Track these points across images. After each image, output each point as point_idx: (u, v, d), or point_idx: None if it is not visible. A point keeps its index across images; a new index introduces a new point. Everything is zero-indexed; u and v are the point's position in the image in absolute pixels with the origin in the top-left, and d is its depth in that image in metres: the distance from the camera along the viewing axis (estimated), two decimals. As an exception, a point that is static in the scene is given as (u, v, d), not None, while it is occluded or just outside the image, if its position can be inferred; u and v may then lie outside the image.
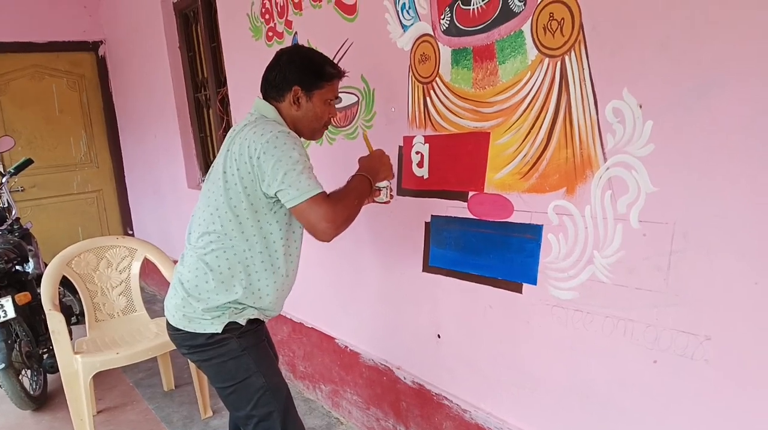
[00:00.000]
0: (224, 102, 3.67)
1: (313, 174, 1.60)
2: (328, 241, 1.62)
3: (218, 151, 1.77)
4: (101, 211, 5.56)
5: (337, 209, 1.59)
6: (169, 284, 1.82)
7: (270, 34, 2.80)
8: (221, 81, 3.67)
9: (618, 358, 1.50)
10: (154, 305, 4.52)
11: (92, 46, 5.26)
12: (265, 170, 1.58)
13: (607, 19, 1.39)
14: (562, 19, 1.48)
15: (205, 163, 4.19)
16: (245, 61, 3.09)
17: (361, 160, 1.86)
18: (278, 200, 1.63)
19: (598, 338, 1.54)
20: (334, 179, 1.84)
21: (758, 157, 1.17)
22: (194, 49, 4.00)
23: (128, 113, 5.17)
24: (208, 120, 4.07)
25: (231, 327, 1.70)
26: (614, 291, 1.47)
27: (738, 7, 1.16)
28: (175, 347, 2.74)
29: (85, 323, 3.02)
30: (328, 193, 1.63)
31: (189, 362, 2.84)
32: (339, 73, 1.73)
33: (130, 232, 5.59)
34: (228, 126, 3.69)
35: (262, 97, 1.77)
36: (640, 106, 1.34)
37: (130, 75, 4.93)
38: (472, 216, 1.86)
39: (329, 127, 1.87)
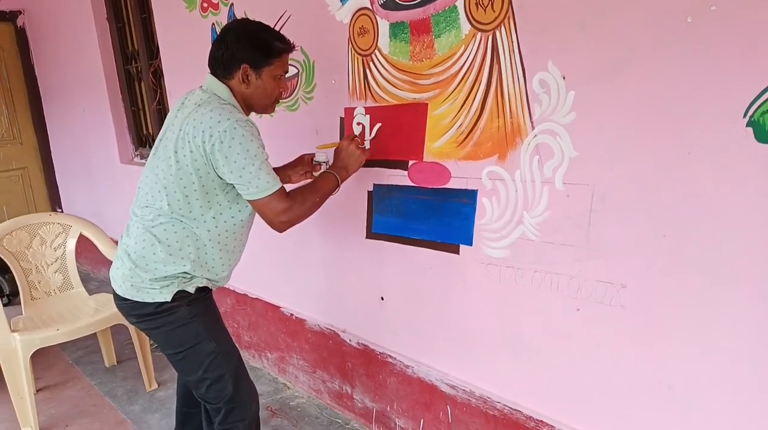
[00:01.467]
0: (157, 74, 3.60)
1: (270, 168, 1.64)
2: (281, 232, 1.72)
3: (159, 124, 1.77)
4: (27, 189, 5.31)
5: (293, 207, 1.68)
6: (106, 261, 1.83)
7: (205, 5, 2.77)
8: (153, 53, 3.59)
9: (545, 309, 1.65)
10: (88, 283, 4.41)
11: (9, 16, 4.97)
12: (219, 159, 1.59)
13: (533, -3, 1.50)
14: (493, -5, 1.58)
15: (138, 137, 4.09)
16: (179, 33, 3.04)
17: (335, 156, 1.92)
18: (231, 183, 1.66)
19: (527, 291, 1.68)
20: (275, 151, 1.89)
21: (661, 127, 1.32)
22: (123, 20, 3.88)
23: (53, 87, 4.94)
24: (140, 93, 3.97)
25: (180, 295, 1.73)
26: (542, 248, 1.62)
27: (647, -11, 1.29)
28: (115, 322, 2.78)
29: (16, 304, 2.95)
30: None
31: (131, 335, 2.84)
32: (288, 47, 1.72)
33: (59, 210, 5.39)
34: (162, 99, 3.62)
35: (210, 72, 1.75)
36: (564, 78, 1.47)
37: (53, 47, 4.70)
38: (412, 184, 1.96)
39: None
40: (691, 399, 1.39)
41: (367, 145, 2.04)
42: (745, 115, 1.20)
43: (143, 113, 4.01)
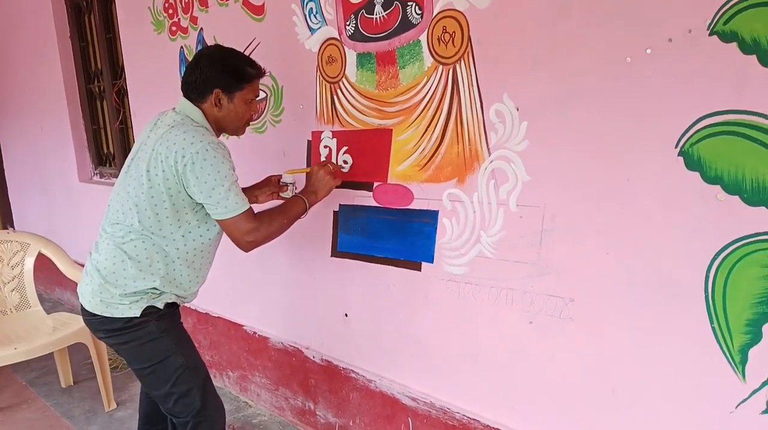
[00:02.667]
0: (120, 93, 3.62)
1: (239, 189, 1.71)
2: (247, 251, 1.79)
3: (121, 143, 1.82)
4: (-24, 206, 5.19)
5: (260, 228, 1.75)
6: (62, 281, 1.84)
7: (174, 28, 2.83)
8: (117, 72, 3.61)
9: (501, 322, 1.77)
10: (42, 304, 4.32)
11: (-36, 30, 4.88)
12: (190, 179, 1.66)
13: (489, 35, 1.64)
14: (454, 32, 1.72)
15: (99, 156, 4.08)
16: (146, 55, 3.09)
17: (306, 181, 1.99)
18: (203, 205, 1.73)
19: (484, 305, 1.80)
20: (243, 172, 1.96)
21: (604, 155, 1.47)
22: (87, 39, 3.89)
23: (8, 102, 4.86)
24: (102, 112, 3.97)
25: (149, 311, 1.77)
26: (498, 265, 1.74)
27: (588, 33, 1.44)
28: (73, 341, 2.76)
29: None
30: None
31: (91, 354, 2.82)
32: (259, 73, 1.81)
33: (11, 228, 5.26)
34: (125, 118, 3.64)
35: (183, 95, 1.82)
36: (518, 109, 1.61)
37: (11, 62, 4.65)
38: (377, 204, 2.06)
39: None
40: (632, 402, 1.52)
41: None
42: (676, 146, 1.35)
43: (104, 132, 4.00)
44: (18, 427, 2.81)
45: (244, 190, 1.97)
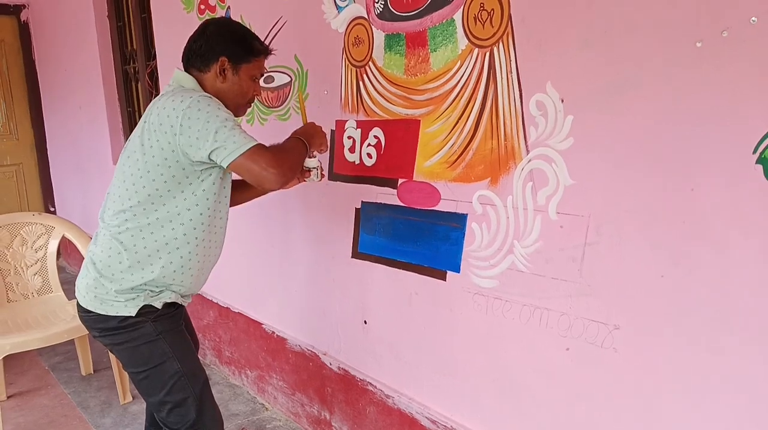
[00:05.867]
0: (153, 76, 3.53)
1: (243, 130, 1.53)
2: (277, 188, 1.58)
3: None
4: (21, 185, 5.25)
5: (279, 156, 1.54)
6: None
7: (202, 6, 2.70)
8: (151, 54, 3.52)
9: (533, 345, 1.54)
10: (71, 285, 4.33)
11: (14, 10, 4.93)
12: (191, 135, 1.50)
13: (534, 14, 1.41)
14: (492, 9, 1.49)
15: (134, 140, 4.02)
16: (175, 34, 2.96)
17: (295, 131, 1.80)
18: (208, 168, 1.57)
19: (515, 325, 1.57)
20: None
21: (668, 155, 1.22)
22: (123, 19, 3.82)
23: (52, 83, 4.89)
24: (136, 94, 3.90)
25: (146, 310, 1.64)
26: (532, 280, 1.51)
27: (652, 11, 1.20)
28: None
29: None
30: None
31: (108, 345, 2.74)
32: (266, 51, 1.69)
33: (52, 209, 5.31)
34: (158, 101, 3.55)
35: (183, 68, 1.69)
36: (562, 101, 1.37)
37: (55, 43, 4.66)
38: (401, 203, 1.86)
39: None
40: (684, 456, 1.28)
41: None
42: (755, 151, 1.09)
43: (138, 114, 3.93)
44: (34, 414, 2.75)
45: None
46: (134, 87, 3.89)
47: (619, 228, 1.32)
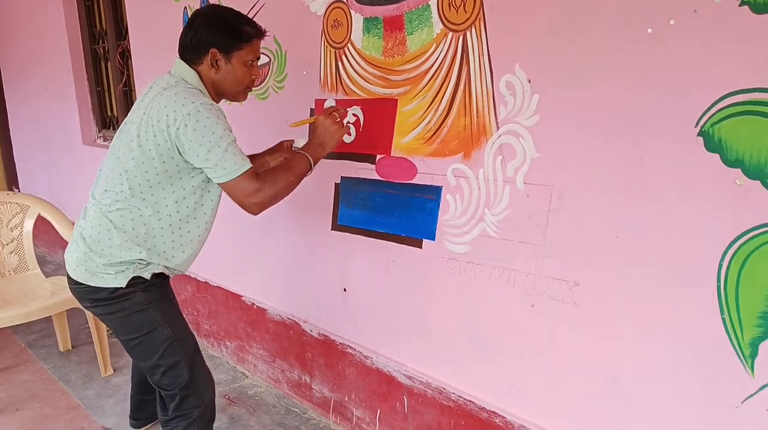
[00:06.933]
0: (125, 55, 3.54)
1: (238, 149, 1.60)
2: (256, 214, 1.67)
3: (125, 105, 1.75)
4: (-20, 165, 5.16)
5: (265, 188, 1.61)
6: (63, 243, 1.80)
7: (178, -12, 2.74)
8: (122, 33, 3.53)
9: (502, 303, 1.70)
10: (44, 266, 4.31)
11: (-30, -14, 4.80)
12: (185, 143, 1.57)
13: (503, 2, 1.54)
14: (466, -3, 1.62)
15: (102, 119, 4.02)
16: (150, 15, 3.00)
17: (311, 133, 1.84)
18: (199, 167, 1.64)
19: (486, 286, 1.73)
20: (245, 139, 1.89)
21: (622, 129, 1.38)
22: (92, -3, 3.80)
23: (15, 61, 4.80)
24: (106, 73, 3.90)
25: (135, 281, 1.72)
26: (501, 245, 1.67)
27: (610, 1, 1.35)
28: (72, 306, 2.73)
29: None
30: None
31: (87, 319, 2.80)
32: (259, 33, 1.71)
33: (16, 189, 5.24)
34: (129, 80, 3.57)
35: (179, 57, 1.73)
36: (529, 81, 1.52)
37: (17, 20, 4.57)
38: (379, 178, 1.99)
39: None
40: (633, 391, 1.46)
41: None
42: (696, 125, 1.26)
43: (108, 94, 3.93)
44: (15, 389, 2.80)
45: (255, 156, 1.91)
46: (104, 66, 3.89)
47: (579, 195, 1.48)
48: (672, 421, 1.41)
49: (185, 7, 2.70)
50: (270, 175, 1.67)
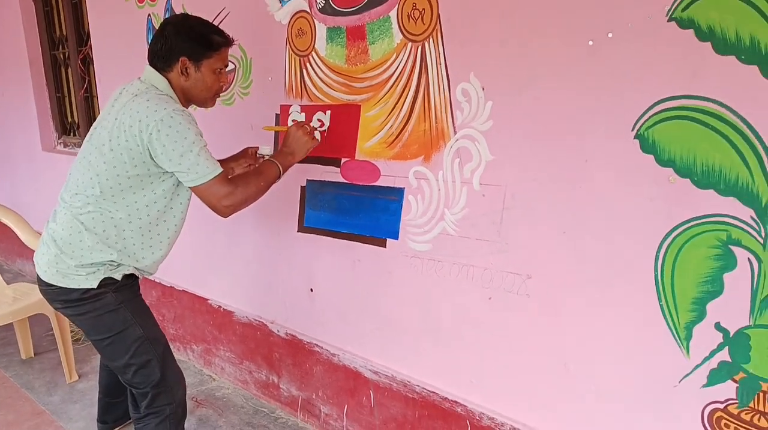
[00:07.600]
0: (86, 61, 3.54)
1: (209, 154, 1.66)
2: (227, 217, 1.73)
3: (86, 111, 1.78)
4: (-67, 174, 5.02)
5: (236, 192, 1.68)
6: (21, 251, 1.81)
7: (142, -5, 2.77)
8: (83, 39, 3.53)
9: (461, 297, 1.80)
10: (2, 274, 4.24)
11: None
12: (157, 149, 1.61)
13: (459, 14, 1.65)
14: (423, 9, 1.72)
15: (63, 125, 3.99)
16: (113, 21, 3.02)
17: (282, 141, 1.91)
18: (170, 171, 1.68)
19: (446, 282, 1.83)
20: (211, 145, 1.93)
21: (567, 133, 1.50)
22: (50, 3, 3.77)
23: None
24: (66, 79, 3.88)
25: (106, 282, 1.76)
26: (460, 242, 1.77)
27: (555, 16, 1.47)
28: (34, 312, 2.72)
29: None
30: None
31: (52, 326, 2.79)
32: (227, 42, 1.77)
33: (-30, 197, 5.12)
34: (90, 86, 3.56)
35: (149, 65, 1.77)
36: (483, 89, 1.63)
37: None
38: (344, 180, 2.07)
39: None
40: (584, 376, 1.58)
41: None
42: (633, 129, 1.39)
43: (69, 100, 3.91)
44: (-24, 397, 2.77)
45: (220, 162, 1.95)
46: (64, 72, 3.86)
47: (530, 194, 1.59)
48: (618, 402, 1.53)
49: (149, 15, 2.73)
50: (242, 179, 1.74)
